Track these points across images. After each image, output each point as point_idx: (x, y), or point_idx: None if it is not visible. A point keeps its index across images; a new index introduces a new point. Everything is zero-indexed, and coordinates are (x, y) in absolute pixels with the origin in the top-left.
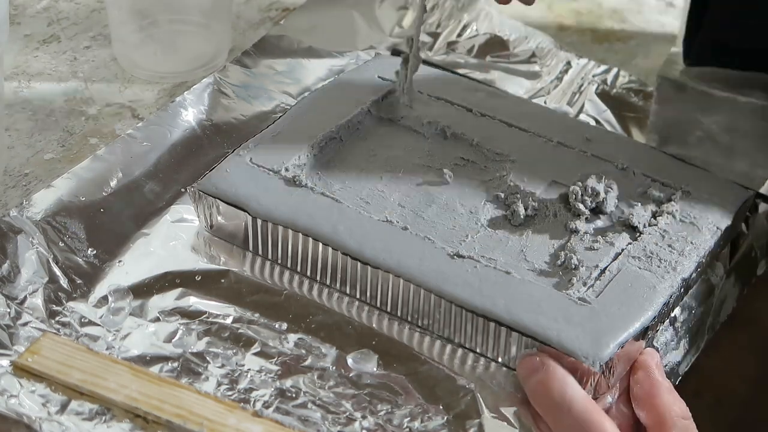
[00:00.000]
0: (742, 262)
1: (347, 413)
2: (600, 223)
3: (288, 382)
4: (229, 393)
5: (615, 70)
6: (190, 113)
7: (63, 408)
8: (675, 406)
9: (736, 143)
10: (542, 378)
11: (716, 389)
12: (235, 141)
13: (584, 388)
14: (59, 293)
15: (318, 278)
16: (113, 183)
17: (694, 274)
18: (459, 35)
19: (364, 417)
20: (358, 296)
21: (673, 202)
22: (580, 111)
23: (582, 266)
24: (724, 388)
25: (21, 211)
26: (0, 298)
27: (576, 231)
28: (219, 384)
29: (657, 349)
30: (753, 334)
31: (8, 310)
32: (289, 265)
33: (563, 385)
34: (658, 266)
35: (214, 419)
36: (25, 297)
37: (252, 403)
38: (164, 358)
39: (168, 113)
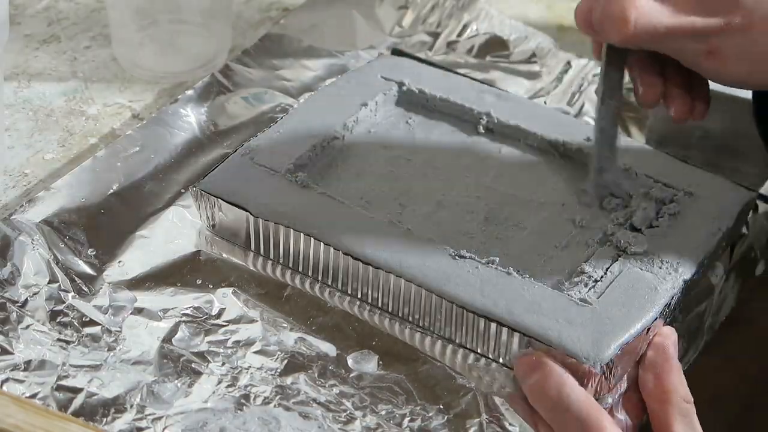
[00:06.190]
0: (741, 262)
1: (348, 411)
2: (602, 223)
3: (288, 380)
4: (230, 390)
5: None
6: (190, 113)
7: None
8: (681, 387)
9: (736, 143)
10: (540, 377)
11: (716, 389)
12: (234, 141)
13: (585, 389)
14: (60, 294)
15: (319, 278)
16: (113, 184)
17: (695, 275)
18: (459, 35)
19: (364, 416)
20: (359, 296)
21: (675, 203)
22: (580, 111)
23: (584, 267)
24: (723, 387)
25: (21, 213)
26: (0, 300)
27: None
28: (219, 381)
29: None
30: (752, 334)
31: (9, 314)
32: (290, 265)
33: (561, 384)
34: (660, 267)
35: None
36: (27, 299)
37: (252, 398)
38: (165, 357)
39: (167, 113)
